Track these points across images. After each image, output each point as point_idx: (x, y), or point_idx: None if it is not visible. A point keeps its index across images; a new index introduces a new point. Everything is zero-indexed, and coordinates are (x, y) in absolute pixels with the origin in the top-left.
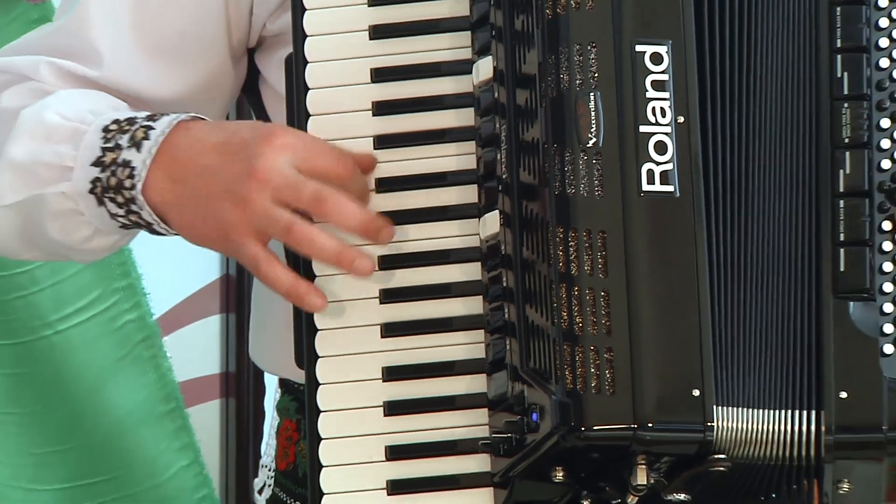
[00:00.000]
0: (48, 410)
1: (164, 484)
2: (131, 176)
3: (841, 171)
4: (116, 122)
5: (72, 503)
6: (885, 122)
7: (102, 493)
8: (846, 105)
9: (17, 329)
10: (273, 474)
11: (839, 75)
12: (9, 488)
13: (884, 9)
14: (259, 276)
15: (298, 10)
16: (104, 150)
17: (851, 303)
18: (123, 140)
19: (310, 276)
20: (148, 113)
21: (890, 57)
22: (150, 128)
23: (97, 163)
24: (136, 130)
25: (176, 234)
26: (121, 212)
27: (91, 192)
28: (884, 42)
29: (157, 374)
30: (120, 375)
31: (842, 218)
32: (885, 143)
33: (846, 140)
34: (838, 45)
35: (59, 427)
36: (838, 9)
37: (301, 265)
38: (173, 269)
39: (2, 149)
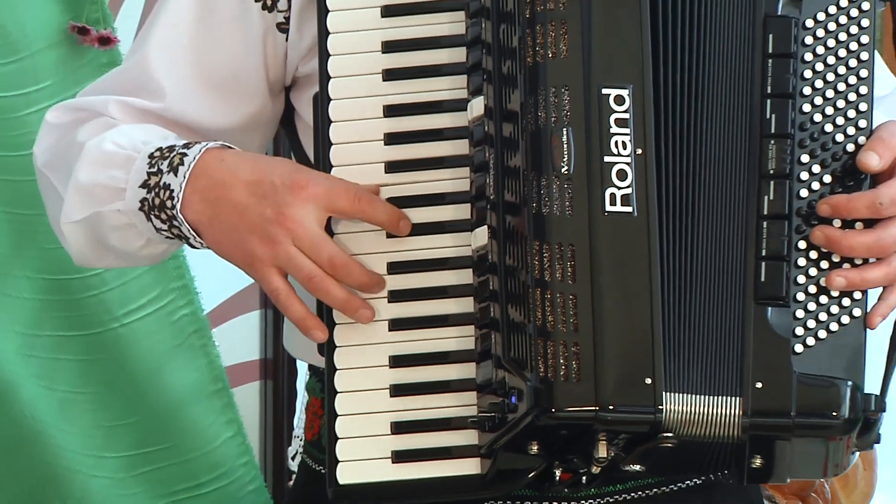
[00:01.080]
0: (115, 390)
1: (213, 451)
2: (171, 197)
3: (766, 198)
4: (160, 149)
5: (135, 468)
6: (805, 158)
7: (161, 459)
8: (773, 142)
9: (90, 322)
10: (302, 443)
11: (768, 117)
12: (82, 455)
13: (808, 62)
14: (277, 304)
15: (324, 56)
16: (149, 174)
17: (769, 308)
18: (164, 165)
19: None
20: (185, 141)
21: (811, 103)
22: (185, 154)
23: (144, 185)
24: (174, 157)
25: (208, 249)
26: (164, 227)
27: (140, 209)
28: (807, 90)
29: (207, 359)
30: (175, 361)
31: (765, 237)
32: (804, 175)
33: (771, 171)
34: (769, 91)
35: (124, 404)
36: (770, 61)
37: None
38: (220, 272)
39: (71, 170)
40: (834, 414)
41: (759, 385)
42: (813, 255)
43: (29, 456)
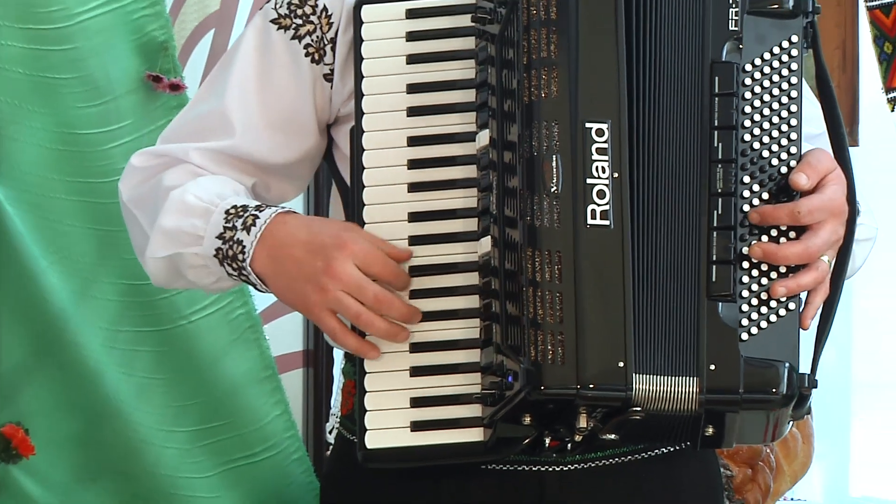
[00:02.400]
0: (183, 376)
1: (264, 427)
2: (242, 252)
3: (715, 212)
4: (234, 207)
5: (199, 440)
6: (746, 179)
7: (221, 433)
8: (720, 166)
9: (162, 320)
10: (338, 419)
11: (716, 145)
12: (155, 430)
13: (748, 99)
14: (335, 340)
15: (359, 96)
16: (225, 228)
17: (720, 304)
18: (238, 223)
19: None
20: (256, 203)
21: (751, 133)
22: (257, 217)
23: (220, 237)
24: (248, 217)
25: (271, 293)
26: (234, 273)
27: (215, 256)
28: (747, 123)
29: (259, 351)
30: (233, 352)
31: (714, 245)
32: (746, 193)
33: (719, 190)
34: (716, 124)
35: (190, 388)
36: (717, 99)
37: None
38: None
39: (157, 217)
40: (774, 391)
41: (712, 367)
42: (754, 259)
43: (113, 431)
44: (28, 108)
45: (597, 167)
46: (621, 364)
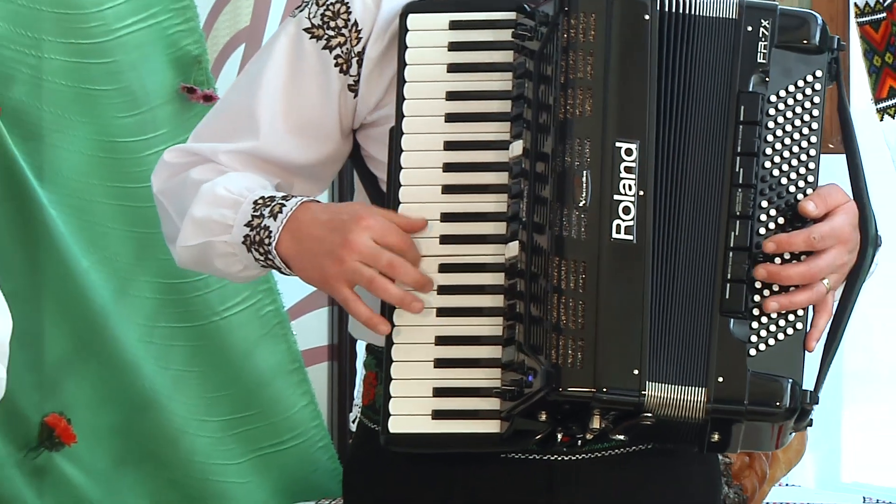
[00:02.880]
0: (216, 369)
1: (292, 416)
2: (269, 236)
3: (732, 233)
4: (262, 198)
5: (231, 429)
6: (764, 203)
7: (251, 422)
8: (740, 190)
9: (196, 316)
10: (360, 408)
11: (737, 170)
12: (190, 420)
13: (770, 129)
14: (347, 309)
15: (401, 99)
16: (253, 216)
17: (731, 320)
18: (266, 211)
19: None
20: (283, 194)
21: (771, 161)
22: (284, 205)
23: (248, 224)
24: (275, 206)
25: (295, 276)
26: (261, 258)
27: (243, 243)
28: (768, 150)
29: (287, 345)
30: (262, 346)
31: (730, 264)
32: (763, 217)
33: (738, 213)
34: (739, 150)
35: (222, 380)
36: (741, 127)
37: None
38: (296, 278)
39: (188, 207)
40: (777, 404)
41: (720, 379)
42: (761, 280)
43: (150, 420)
44: (70, 117)
45: (624, 184)
46: (636, 371)
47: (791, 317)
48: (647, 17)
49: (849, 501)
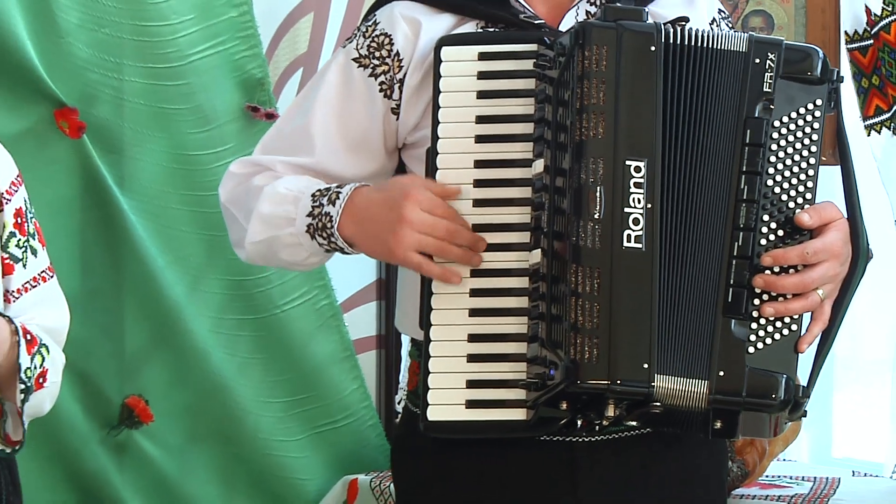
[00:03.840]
0: (277, 357)
1: (343, 398)
2: (330, 221)
3: (736, 244)
4: (319, 190)
5: (290, 409)
6: (766, 217)
7: (308, 403)
8: (744, 205)
9: (259, 309)
10: (405, 393)
11: (742, 187)
12: (254, 401)
13: (773, 150)
14: (421, 271)
15: (436, 123)
16: (313, 207)
17: (733, 321)
18: (324, 200)
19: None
20: (338, 185)
21: (773, 179)
22: (339, 192)
23: (310, 214)
24: (331, 194)
25: (358, 254)
26: (325, 243)
27: (306, 231)
28: (770, 170)
29: (339, 335)
30: (318, 336)
31: (733, 271)
32: (764, 229)
33: (741, 225)
34: (744, 169)
35: (283, 366)
36: (746, 148)
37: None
38: (348, 276)
39: (254, 207)
40: (773, 396)
41: (721, 373)
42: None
43: (218, 402)
44: (148, 133)
45: (633, 198)
46: (646, 365)
47: (787, 320)
48: (652, 48)
49: (839, 474)
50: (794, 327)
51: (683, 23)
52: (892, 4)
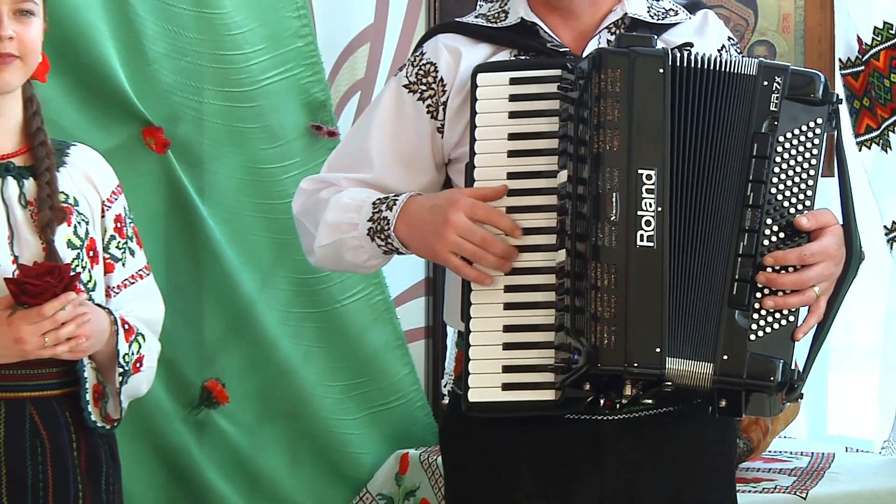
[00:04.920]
0: (337, 345)
1: (396, 382)
2: (388, 225)
3: (741, 244)
4: (379, 199)
5: (349, 392)
6: (769, 220)
7: (364, 386)
8: (749, 210)
9: (322, 304)
10: (451, 378)
11: (748, 193)
12: (316, 385)
13: (777, 162)
14: (458, 273)
15: (473, 140)
16: (373, 213)
17: (737, 311)
18: (383, 207)
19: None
20: (395, 194)
21: (776, 187)
22: (396, 200)
23: (370, 219)
24: (389, 201)
25: (411, 254)
26: (383, 244)
27: (367, 235)
28: (774, 179)
29: (392, 327)
30: (373, 328)
31: (738, 267)
32: (767, 231)
33: (746, 228)
34: (750, 178)
35: (342, 354)
36: (753, 160)
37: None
38: (401, 273)
39: (321, 216)
40: (771, 379)
41: (725, 357)
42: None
43: (286, 385)
44: (225, 149)
45: (645, 203)
46: (658, 350)
47: (785, 312)
48: (661, 70)
49: (833, 450)
50: (791, 319)
51: (689, 48)
52: (881, 34)
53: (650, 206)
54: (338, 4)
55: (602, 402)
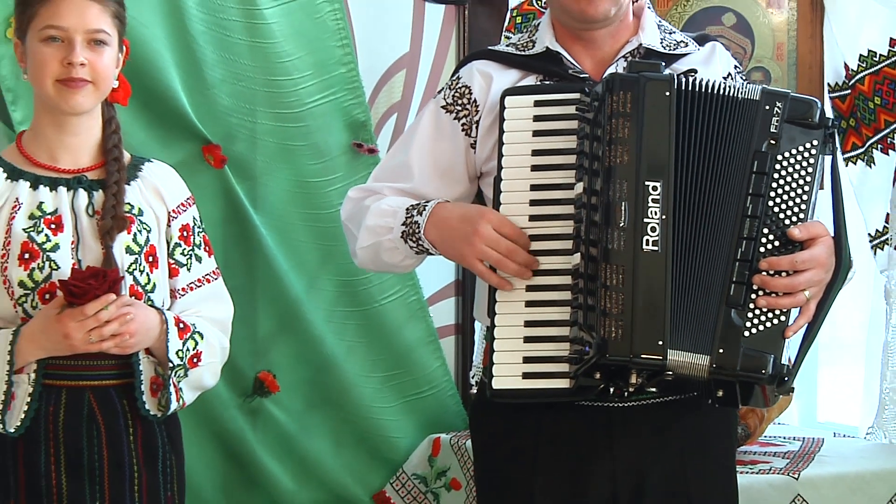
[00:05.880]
0: (376, 341)
1: (428, 374)
2: (418, 228)
3: (740, 249)
4: (412, 205)
5: (386, 382)
6: (766, 230)
7: (400, 377)
8: (748, 220)
9: (363, 303)
10: (479, 369)
11: (748, 205)
12: (357, 376)
13: (775, 178)
14: (482, 277)
15: (500, 156)
16: (406, 218)
17: (733, 310)
18: (415, 212)
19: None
20: (425, 201)
21: (773, 200)
22: (426, 206)
23: (403, 223)
24: (420, 207)
25: (440, 255)
26: (414, 245)
27: (401, 237)
28: (772, 194)
29: (426, 324)
30: (409, 325)
31: (736, 270)
32: (763, 240)
33: (745, 235)
34: (750, 191)
35: (381, 348)
36: (753, 175)
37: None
38: (433, 276)
39: (363, 221)
40: (763, 371)
41: (721, 351)
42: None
43: (331, 376)
44: (276, 165)
45: (651, 211)
46: (661, 342)
47: (777, 312)
48: (667, 93)
49: (823, 435)
50: (783, 318)
51: (693, 74)
52: (866, 61)
53: (656, 214)
54: (377, 34)
55: (612, 390)
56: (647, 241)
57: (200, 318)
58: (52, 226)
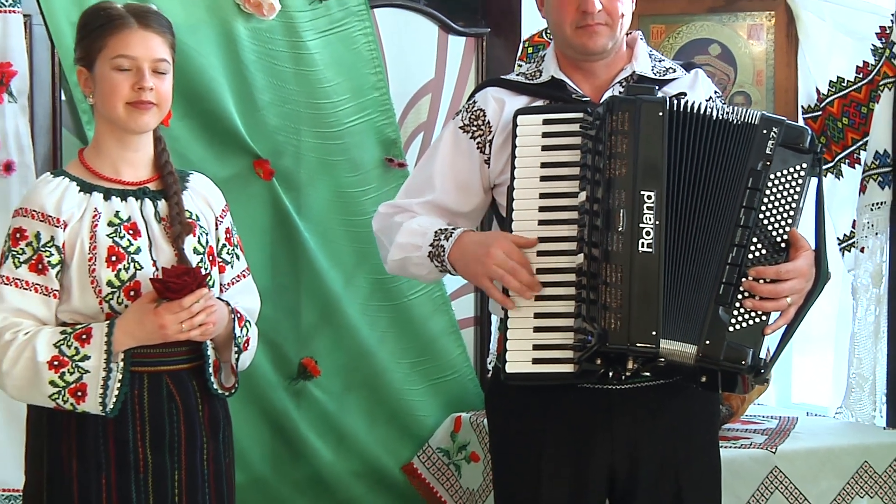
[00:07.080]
0: (405, 331)
1: (451, 360)
2: (443, 251)
3: (730, 254)
4: (440, 229)
5: (413, 368)
6: (755, 239)
7: (425, 363)
8: (740, 229)
9: (393, 298)
10: (494, 356)
11: (741, 216)
12: (389, 362)
13: (767, 194)
14: (489, 294)
15: (513, 168)
16: (434, 240)
17: (720, 307)
18: (442, 237)
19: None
20: (454, 227)
21: (763, 213)
22: (452, 233)
23: (431, 245)
24: (447, 232)
25: (458, 275)
26: (439, 265)
27: (427, 257)
28: (763, 207)
29: (448, 317)
30: (434, 317)
31: (726, 273)
32: (752, 248)
33: (736, 242)
34: (744, 204)
35: (409, 337)
36: (747, 191)
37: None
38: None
39: (394, 238)
40: (743, 363)
41: (707, 342)
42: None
43: (366, 362)
44: (317, 177)
45: (646, 217)
46: (654, 333)
47: (759, 312)
48: (661, 114)
49: (797, 414)
50: (764, 318)
51: (682, 97)
52: (835, 86)
53: (650, 220)
54: (406, 63)
55: (611, 374)
56: (643, 243)
57: (241, 308)
58: (131, 231)
